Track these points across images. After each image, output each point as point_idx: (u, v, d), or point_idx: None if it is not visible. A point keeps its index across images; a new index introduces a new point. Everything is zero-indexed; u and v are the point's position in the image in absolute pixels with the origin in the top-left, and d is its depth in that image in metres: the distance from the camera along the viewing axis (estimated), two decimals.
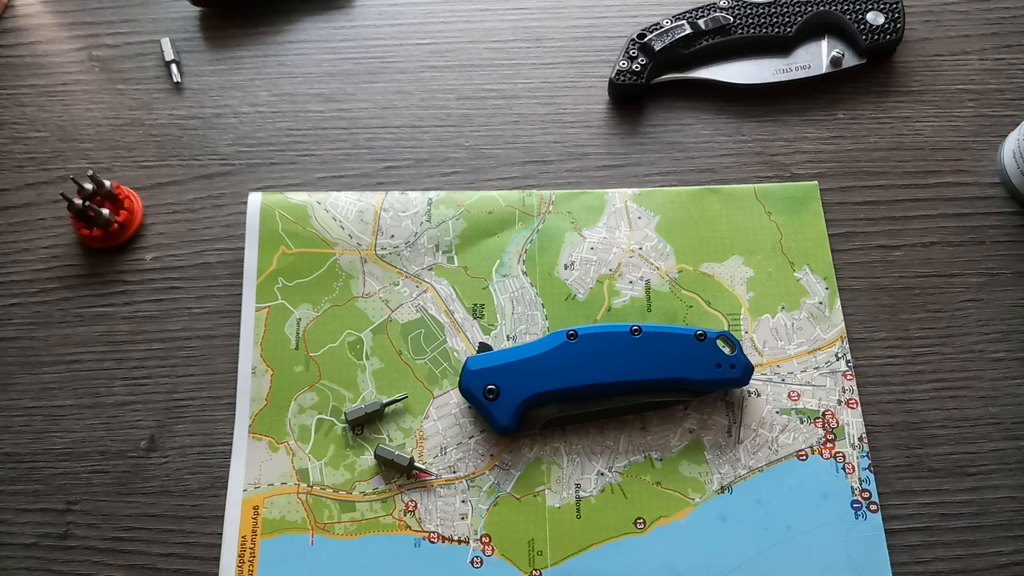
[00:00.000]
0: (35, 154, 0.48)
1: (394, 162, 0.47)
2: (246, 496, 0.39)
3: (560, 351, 0.39)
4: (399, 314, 0.43)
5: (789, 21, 0.49)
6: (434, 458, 0.40)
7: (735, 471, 0.40)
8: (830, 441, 0.40)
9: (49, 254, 0.45)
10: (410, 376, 0.42)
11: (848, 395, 0.41)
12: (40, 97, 0.49)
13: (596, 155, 0.48)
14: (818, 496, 0.39)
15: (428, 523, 0.39)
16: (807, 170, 0.47)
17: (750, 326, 0.43)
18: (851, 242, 0.45)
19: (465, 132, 0.48)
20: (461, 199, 0.45)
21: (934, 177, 0.47)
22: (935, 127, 0.48)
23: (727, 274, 0.44)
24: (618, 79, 0.48)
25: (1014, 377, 0.42)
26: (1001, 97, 0.49)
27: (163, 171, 0.47)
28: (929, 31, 0.51)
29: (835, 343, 0.42)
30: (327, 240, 0.44)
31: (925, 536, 0.39)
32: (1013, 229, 0.46)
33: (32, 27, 0.51)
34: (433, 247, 0.44)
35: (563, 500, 0.39)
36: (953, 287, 0.44)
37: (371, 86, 0.50)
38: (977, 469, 0.40)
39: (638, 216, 0.45)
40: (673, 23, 0.48)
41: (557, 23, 0.52)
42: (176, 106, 0.49)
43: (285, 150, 0.48)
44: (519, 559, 0.38)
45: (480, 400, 0.39)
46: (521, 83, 0.50)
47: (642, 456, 0.40)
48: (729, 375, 0.39)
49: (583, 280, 0.44)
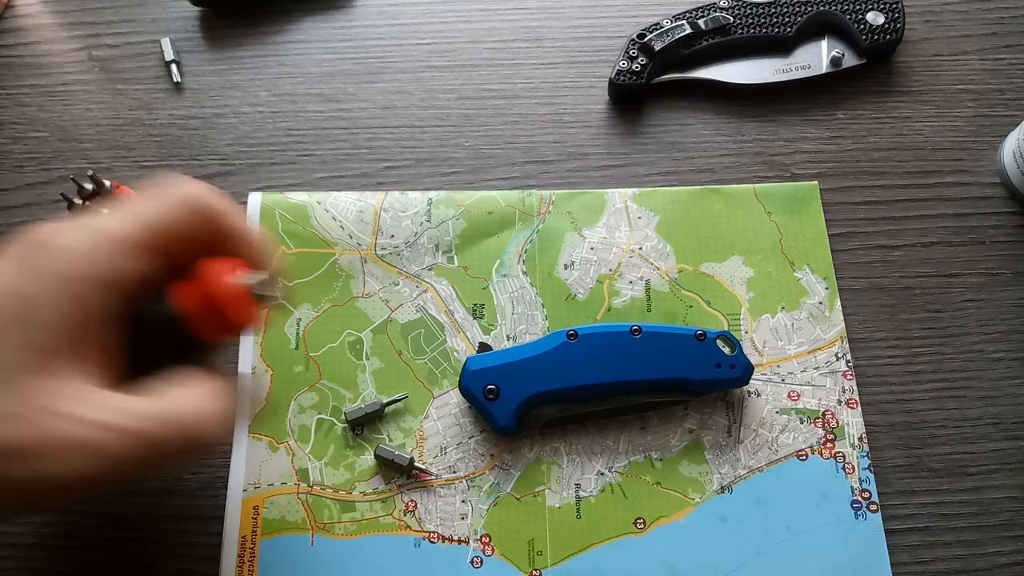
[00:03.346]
0: (35, 154, 0.48)
1: (394, 162, 0.47)
2: (246, 496, 0.39)
3: (560, 351, 0.39)
4: (399, 314, 0.43)
5: (789, 21, 0.49)
6: (434, 458, 0.40)
7: (735, 471, 0.40)
8: (830, 441, 0.40)
9: None
10: (410, 376, 0.42)
11: (848, 395, 0.41)
12: (40, 97, 0.49)
13: (596, 155, 0.48)
14: (818, 496, 0.39)
15: (428, 523, 0.39)
16: (807, 170, 0.47)
17: (750, 326, 0.43)
18: (851, 242, 0.45)
19: (465, 132, 0.48)
20: (461, 199, 0.45)
21: (934, 177, 0.47)
22: (935, 127, 0.48)
23: (727, 274, 0.44)
24: (618, 79, 0.48)
25: (1014, 377, 0.42)
26: (1001, 97, 0.49)
27: (163, 171, 0.47)
28: (929, 31, 0.51)
29: (835, 343, 0.42)
30: (327, 240, 0.44)
31: (925, 536, 0.39)
32: (1013, 229, 0.46)
33: (32, 27, 0.51)
34: (433, 247, 0.44)
35: (563, 500, 0.39)
36: (953, 287, 0.44)
37: (371, 86, 0.50)
38: (977, 469, 0.40)
39: (638, 216, 0.45)
40: (673, 23, 0.48)
41: (557, 23, 0.52)
42: (176, 106, 0.49)
43: (285, 150, 0.48)
44: (519, 559, 0.38)
45: (480, 400, 0.39)
46: (521, 83, 0.50)
47: (642, 456, 0.40)
48: (729, 375, 0.39)
49: (583, 280, 0.44)
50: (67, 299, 0.27)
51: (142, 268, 0.29)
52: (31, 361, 0.26)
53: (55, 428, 0.26)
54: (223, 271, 0.30)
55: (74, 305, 0.27)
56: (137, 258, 0.28)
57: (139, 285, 0.29)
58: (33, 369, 0.26)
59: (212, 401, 0.30)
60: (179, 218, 0.30)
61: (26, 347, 0.26)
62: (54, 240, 0.28)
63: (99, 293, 0.27)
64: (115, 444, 0.26)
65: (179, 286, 0.30)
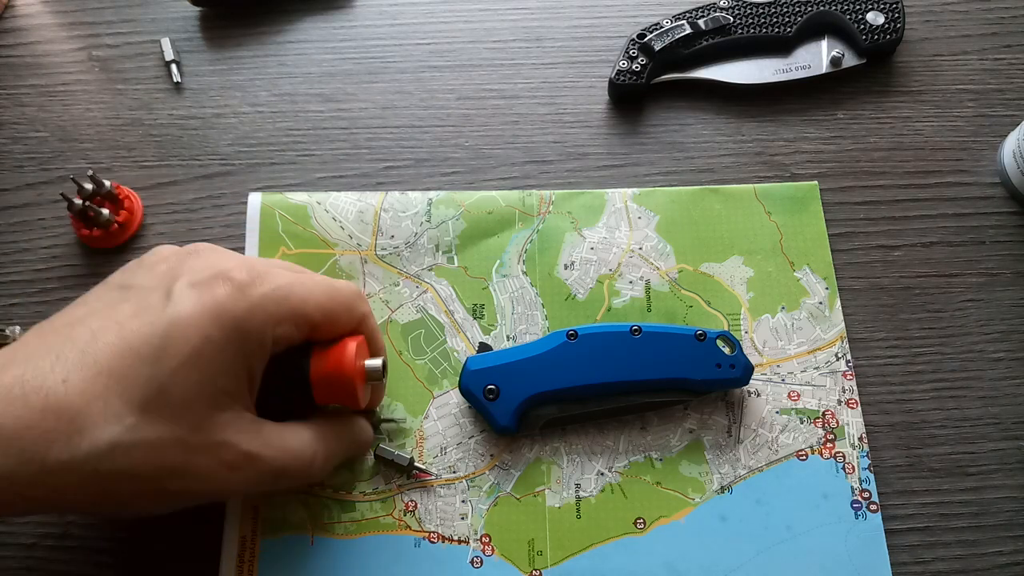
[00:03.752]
0: (35, 154, 0.48)
1: (394, 162, 0.47)
2: (246, 496, 0.39)
3: (560, 351, 0.39)
4: (399, 314, 0.43)
5: (789, 21, 0.49)
6: (434, 458, 0.40)
7: (735, 471, 0.40)
8: (830, 441, 0.40)
9: (49, 254, 0.45)
10: (410, 376, 0.42)
11: (848, 395, 0.41)
12: (40, 97, 0.49)
13: (596, 155, 0.48)
14: (818, 496, 0.39)
15: (428, 523, 0.39)
16: (807, 170, 0.47)
17: (750, 326, 0.43)
18: (851, 242, 0.45)
19: (465, 132, 0.48)
20: (461, 199, 0.45)
21: (934, 177, 0.47)
22: (935, 127, 0.48)
23: (727, 274, 0.44)
24: (618, 79, 0.48)
25: (1014, 377, 0.42)
26: (1001, 97, 0.49)
27: (163, 171, 0.47)
28: (929, 31, 0.51)
29: (835, 343, 0.42)
30: (327, 240, 0.44)
31: (925, 536, 0.39)
32: (1013, 229, 0.46)
33: (32, 27, 0.51)
34: (433, 247, 0.44)
35: (563, 500, 0.39)
36: (953, 287, 0.44)
37: (371, 86, 0.50)
38: (977, 469, 0.40)
39: (638, 216, 0.45)
40: (673, 23, 0.48)
41: (557, 23, 0.52)
42: (176, 106, 0.49)
43: (285, 150, 0.48)
44: (519, 559, 0.38)
45: (480, 400, 0.39)
46: (521, 83, 0.50)
47: (642, 456, 0.40)
48: (729, 375, 0.39)
49: (583, 280, 0.44)
50: (241, 349, 0.31)
51: (298, 336, 0.34)
52: (206, 398, 0.31)
53: (217, 454, 0.31)
54: (360, 354, 0.35)
55: (244, 356, 0.32)
56: (298, 327, 0.33)
57: (288, 346, 0.34)
58: (208, 405, 0.31)
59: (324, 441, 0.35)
60: (338, 311, 0.35)
61: (205, 384, 0.31)
62: (239, 282, 0.32)
63: (264, 349, 0.32)
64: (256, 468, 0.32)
65: (318, 357, 0.34)
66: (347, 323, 0.35)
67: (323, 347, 0.34)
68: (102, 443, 0.29)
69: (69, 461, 0.28)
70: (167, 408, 0.30)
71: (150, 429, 0.29)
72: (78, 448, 0.28)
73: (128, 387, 0.29)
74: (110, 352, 0.30)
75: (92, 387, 0.29)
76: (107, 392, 0.29)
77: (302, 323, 0.33)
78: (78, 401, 0.29)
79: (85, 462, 0.28)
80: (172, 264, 0.33)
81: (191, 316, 0.30)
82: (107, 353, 0.30)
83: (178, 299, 0.31)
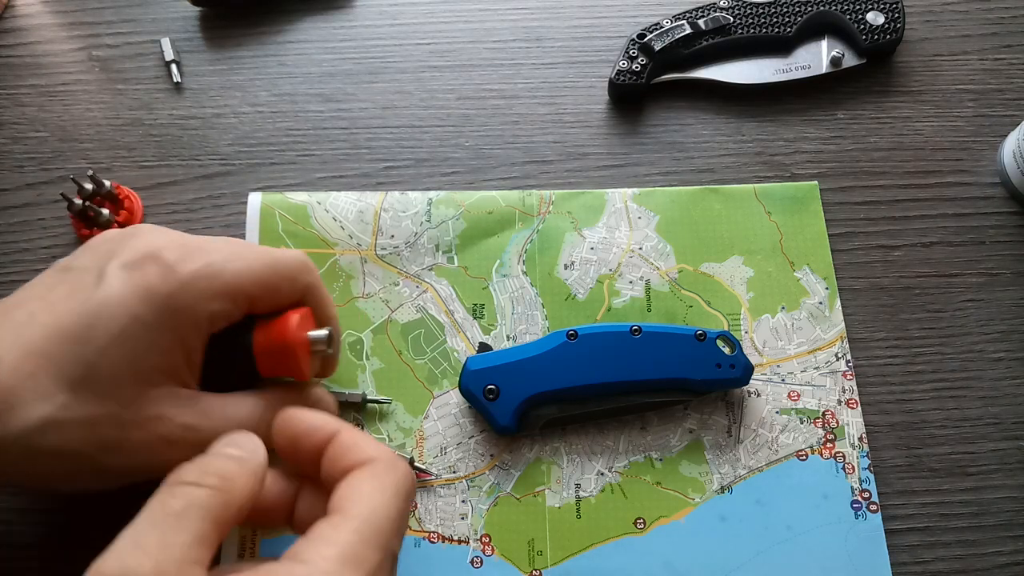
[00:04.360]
0: (35, 154, 0.48)
1: (394, 162, 0.47)
2: None
3: (560, 351, 0.39)
4: (399, 314, 0.43)
5: (789, 21, 0.49)
6: (434, 458, 0.40)
7: (735, 471, 0.40)
8: (830, 441, 0.40)
9: (49, 254, 0.45)
10: (410, 376, 0.42)
11: (848, 395, 0.41)
12: (40, 97, 0.49)
13: (596, 155, 0.48)
14: (818, 496, 0.39)
15: (428, 523, 0.39)
16: (807, 170, 0.47)
17: (750, 326, 0.43)
18: (851, 242, 0.45)
19: (465, 132, 0.48)
20: (461, 199, 0.45)
21: (934, 177, 0.47)
22: (935, 127, 0.48)
23: (727, 274, 0.44)
24: (618, 79, 0.48)
25: (1014, 377, 0.42)
26: (1001, 97, 0.49)
27: (163, 171, 0.47)
28: (929, 31, 0.51)
29: (835, 343, 0.42)
30: (327, 240, 0.44)
31: (925, 536, 0.39)
32: (1013, 229, 0.46)
33: (32, 27, 0.51)
34: (433, 247, 0.44)
35: (563, 500, 0.39)
36: (953, 287, 0.44)
37: (371, 86, 0.50)
38: (977, 469, 0.40)
39: (638, 216, 0.45)
40: (673, 23, 0.48)
41: (557, 23, 0.52)
42: (176, 106, 0.49)
43: (285, 150, 0.48)
44: (519, 559, 0.38)
45: (480, 400, 0.39)
46: (521, 83, 0.50)
47: (642, 456, 0.40)
48: (729, 375, 0.39)
49: (583, 280, 0.44)
50: (172, 327, 0.32)
51: (235, 311, 0.33)
52: (136, 375, 0.31)
53: (153, 428, 0.31)
54: (304, 326, 0.34)
55: (177, 333, 0.32)
56: (235, 303, 0.33)
57: (227, 322, 0.33)
58: (140, 382, 0.31)
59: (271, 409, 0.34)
60: (278, 283, 0.34)
61: (134, 362, 0.31)
62: (168, 262, 0.32)
63: (199, 325, 0.32)
64: (196, 438, 0.31)
65: (260, 329, 0.34)
66: (289, 294, 0.35)
67: (266, 320, 0.34)
68: (32, 420, 0.30)
69: (2, 438, 0.29)
70: (97, 385, 0.30)
71: (81, 407, 0.30)
72: (9, 426, 0.29)
73: (58, 366, 0.30)
74: (42, 333, 0.31)
75: (24, 366, 0.30)
76: (38, 371, 0.30)
77: (239, 297, 0.33)
78: (10, 380, 0.30)
79: (18, 439, 0.30)
80: (111, 246, 0.33)
81: (119, 296, 0.31)
82: (40, 334, 0.31)
83: (108, 280, 0.32)
